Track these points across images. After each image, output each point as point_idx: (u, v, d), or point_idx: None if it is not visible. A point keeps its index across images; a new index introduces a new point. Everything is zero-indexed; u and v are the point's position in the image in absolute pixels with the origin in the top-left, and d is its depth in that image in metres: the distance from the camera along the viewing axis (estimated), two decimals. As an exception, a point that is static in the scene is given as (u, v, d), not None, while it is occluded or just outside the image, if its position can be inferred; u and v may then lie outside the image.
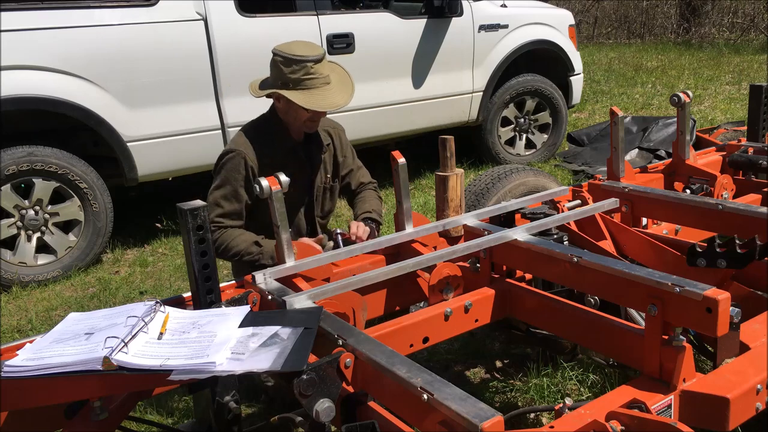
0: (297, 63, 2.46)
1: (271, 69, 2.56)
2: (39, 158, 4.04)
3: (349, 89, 2.60)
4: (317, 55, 2.48)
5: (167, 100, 4.43)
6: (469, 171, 5.88)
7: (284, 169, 2.51)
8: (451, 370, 2.89)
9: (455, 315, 2.13)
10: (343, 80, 2.61)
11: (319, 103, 2.49)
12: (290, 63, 2.46)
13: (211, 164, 4.70)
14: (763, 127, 3.40)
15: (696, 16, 15.37)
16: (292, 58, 2.46)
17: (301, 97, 2.47)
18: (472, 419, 1.29)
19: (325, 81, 2.51)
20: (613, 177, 2.88)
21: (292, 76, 2.47)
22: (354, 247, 2.27)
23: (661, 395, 1.63)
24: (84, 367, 1.48)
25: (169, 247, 4.73)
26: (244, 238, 2.53)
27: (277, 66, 2.50)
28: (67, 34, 4.09)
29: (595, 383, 2.62)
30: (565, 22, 6.23)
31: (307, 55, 2.47)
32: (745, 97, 7.68)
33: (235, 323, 1.67)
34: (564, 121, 6.33)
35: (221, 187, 2.58)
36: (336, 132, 2.84)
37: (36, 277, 4.13)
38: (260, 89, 2.59)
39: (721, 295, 1.61)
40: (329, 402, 1.47)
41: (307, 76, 2.47)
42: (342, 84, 2.59)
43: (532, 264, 2.21)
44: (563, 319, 2.08)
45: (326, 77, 2.52)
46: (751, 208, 2.46)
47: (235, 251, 2.51)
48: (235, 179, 2.56)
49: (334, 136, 2.82)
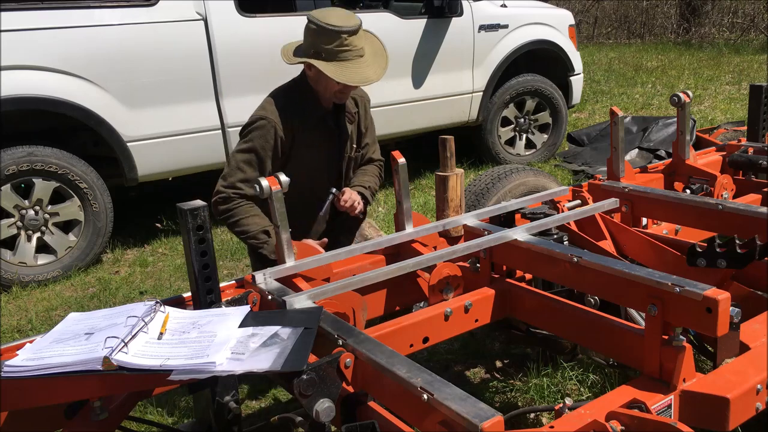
0: (331, 34, 2.35)
1: (305, 36, 2.46)
2: (39, 158, 4.04)
3: (382, 63, 2.49)
4: (353, 27, 2.37)
5: (167, 100, 4.43)
6: (469, 171, 5.88)
7: (313, 140, 2.51)
8: (451, 370, 2.89)
9: (455, 315, 2.13)
10: (377, 53, 2.51)
11: (351, 77, 2.40)
12: (324, 33, 2.36)
13: (211, 164, 4.77)
14: (763, 127, 3.40)
15: (696, 16, 15.37)
16: (326, 27, 2.35)
17: (333, 70, 2.37)
18: (472, 419, 1.29)
19: (358, 54, 2.41)
20: (613, 177, 2.88)
21: (325, 47, 2.37)
22: (354, 247, 2.26)
23: (661, 395, 1.63)
24: (84, 367, 1.48)
25: (169, 247, 4.73)
26: (256, 221, 2.46)
27: (311, 34, 2.40)
28: (67, 34, 4.09)
29: (595, 383, 2.62)
30: (565, 22, 6.24)
31: (342, 26, 2.36)
32: (745, 97, 7.68)
33: (235, 323, 1.67)
34: (564, 121, 6.33)
35: (247, 152, 2.48)
36: (362, 101, 2.77)
37: (36, 277, 4.13)
38: (294, 56, 2.48)
39: (721, 295, 1.61)
40: (329, 402, 1.47)
41: (341, 48, 2.37)
42: (376, 57, 2.49)
43: (532, 264, 2.20)
44: (563, 319, 2.08)
45: (360, 50, 2.42)
46: (751, 208, 2.46)
47: (242, 229, 2.45)
48: (262, 148, 2.47)
49: (360, 106, 2.75)
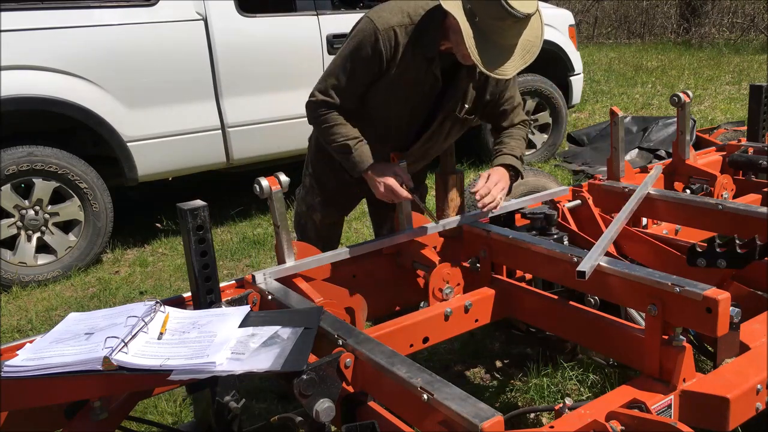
0: (500, 9, 1.98)
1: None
2: (39, 158, 4.04)
3: (527, 59, 2.14)
4: (525, 14, 2.01)
5: (167, 100, 4.43)
6: (469, 171, 5.88)
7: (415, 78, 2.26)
8: (451, 370, 2.89)
9: (455, 315, 2.13)
10: (527, 49, 2.14)
11: (487, 61, 2.04)
12: (494, 3, 1.98)
13: (211, 164, 4.77)
14: (763, 127, 3.40)
15: (696, 16, 15.37)
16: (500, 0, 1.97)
17: (474, 44, 2.02)
18: (472, 419, 1.29)
19: (511, 42, 2.08)
20: (613, 177, 2.88)
21: (485, 15, 2.00)
22: (354, 247, 2.26)
23: (661, 395, 1.63)
24: (84, 367, 1.48)
25: (169, 247, 4.73)
26: (346, 131, 2.27)
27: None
28: (67, 34, 4.09)
29: (595, 383, 2.62)
30: (565, 22, 6.23)
31: (517, 10, 1.98)
32: (745, 97, 7.67)
33: (235, 323, 1.67)
34: (564, 121, 6.33)
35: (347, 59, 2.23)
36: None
37: (36, 277, 4.13)
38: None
39: (721, 295, 1.61)
40: (329, 402, 1.47)
41: (499, 28, 2.02)
42: (524, 51, 2.13)
43: (532, 264, 2.21)
44: (563, 319, 2.08)
45: (515, 39, 2.08)
46: (751, 208, 2.46)
47: (330, 134, 2.27)
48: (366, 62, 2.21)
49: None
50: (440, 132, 2.42)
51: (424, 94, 2.31)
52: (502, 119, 2.47)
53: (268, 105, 4.78)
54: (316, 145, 2.61)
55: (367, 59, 2.20)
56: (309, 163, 2.68)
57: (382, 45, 2.18)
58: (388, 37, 2.18)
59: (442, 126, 2.40)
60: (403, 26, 2.19)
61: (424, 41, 2.20)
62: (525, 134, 2.50)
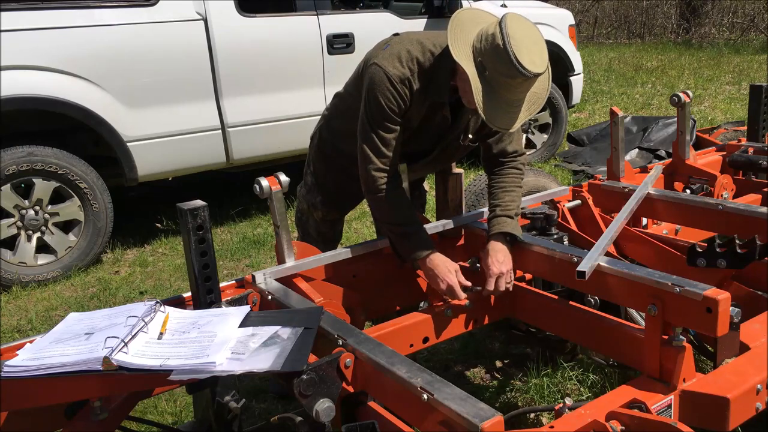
0: (511, 68, 1.94)
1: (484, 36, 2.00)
2: (39, 158, 4.03)
3: (533, 110, 2.12)
4: (535, 73, 1.96)
5: (167, 100, 4.42)
6: (469, 171, 5.88)
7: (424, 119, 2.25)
8: (451, 370, 2.89)
9: (455, 315, 2.13)
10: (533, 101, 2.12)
11: (493, 116, 2.03)
12: (505, 61, 1.93)
13: (211, 164, 4.77)
14: (763, 127, 3.40)
15: (696, 16, 15.37)
16: (512, 60, 1.92)
17: (481, 98, 2.00)
18: (472, 419, 1.29)
19: (518, 98, 2.06)
20: (613, 177, 2.89)
21: (495, 72, 1.98)
22: (354, 247, 2.26)
23: (661, 395, 1.63)
24: (84, 367, 1.48)
25: (169, 247, 4.73)
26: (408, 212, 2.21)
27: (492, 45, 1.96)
28: (68, 34, 4.09)
29: (595, 383, 2.62)
30: (565, 22, 6.23)
31: (528, 70, 1.94)
32: (745, 97, 7.68)
33: (235, 323, 1.67)
34: (564, 121, 6.33)
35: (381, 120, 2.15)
36: None
37: (36, 277, 4.13)
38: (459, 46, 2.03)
39: (721, 295, 1.61)
40: (329, 402, 1.47)
41: (508, 85, 2.00)
42: (529, 103, 2.11)
43: (532, 264, 2.21)
44: (563, 319, 2.08)
45: (523, 95, 2.06)
46: (751, 208, 2.46)
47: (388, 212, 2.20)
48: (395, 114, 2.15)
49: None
50: (442, 156, 2.43)
51: (431, 129, 2.30)
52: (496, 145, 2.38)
53: (268, 105, 4.77)
54: (318, 145, 2.61)
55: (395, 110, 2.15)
56: (310, 162, 2.68)
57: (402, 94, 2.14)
58: (404, 87, 2.14)
59: (445, 152, 2.40)
60: (414, 74, 2.15)
61: (434, 87, 2.18)
62: (520, 179, 2.38)
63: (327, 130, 2.56)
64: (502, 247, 2.18)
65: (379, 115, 2.15)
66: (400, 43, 2.20)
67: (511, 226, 2.22)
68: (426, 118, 2.24)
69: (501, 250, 2.17)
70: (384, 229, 2.31)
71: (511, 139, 2.38)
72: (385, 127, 2.15)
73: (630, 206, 2.50)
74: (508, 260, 2.16)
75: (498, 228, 2.22)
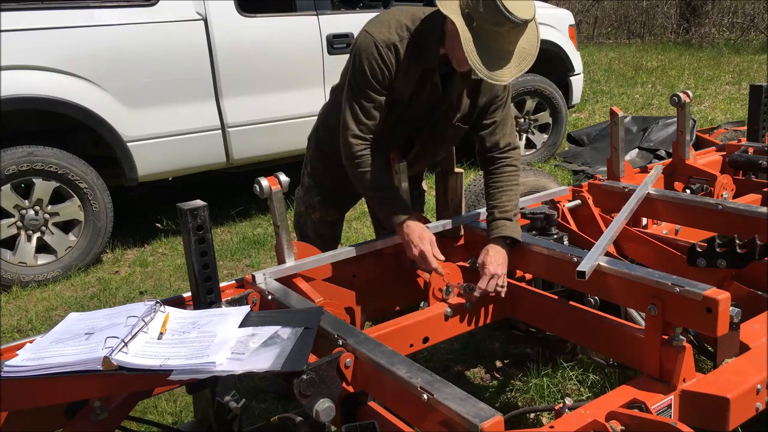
0: (497, 14, 1.94)
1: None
2: (39, 158, 4.03)
3: (522, 66, 2.10)
4: (522, 20, 1.97)
5: (167, 100, 4.43)
6: (469, 171, 5.88)
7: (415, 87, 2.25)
8: (451, 370, 2.89)
9: (455, 315, 2.13)
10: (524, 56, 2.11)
11: (484, 66, 2.01)
12: (491, 8, 1.94)
13: (211, 164, 4.77)
14: (763, 127, 3.40)
15: (696, 16, 15.37)
16: (498, 5, 1.93)
17: (472, 49, 2.00)
18: (472, 419, 1.29)
19: (508, 48, 2.05)
20: (613, 177, 2.89)
21: (482, 20, 1.97)
22: (354, 247, 2.26)
23: (661, 395, 1.63)
24: (84, 367, 1.48)
25: (169, 247, 4.73)
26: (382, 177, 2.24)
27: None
28: (67, 34, 4.09)
29: (595, 383, 2.62)
30: (565, 22, 6.23)
31: (515, 15, 1.94)
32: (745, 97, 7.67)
33: (235, 323, 1.67)
34: (564, 121, 6.33)
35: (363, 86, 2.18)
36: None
37: (36, 277, 4.13)
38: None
39: (721, 295, 1.61)
40: (329, 402, 1.47)
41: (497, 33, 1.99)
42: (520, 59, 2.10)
43: (532, 264, 2.21)
44: (563, 319, 2.08)
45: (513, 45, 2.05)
46: (751, 208, 2.46)
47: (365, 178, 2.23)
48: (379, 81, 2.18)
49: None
50: (434, 135, 2.41)
51: (422, 100, 2.30)
52: (489, 137, 2.37)
53: (268, 105, 4.77)
54: (315, 145, 2.61)
55: (379, 79, 2.18)
56: (308, 162, 2.68)
57: (387, 61, 2.16)
58: (389, 52, 2.16)
59: (436, 130, 2.38)
60: (403, 41, 2.17)
61: (424, 53, 2.18)
62: (516, 177, 2.36)
63: (324, 128, 2.56)
64: (501, 250, 2.19)
65: (363, 83, 2.19)
66: (391, 12, 2.24)
67: (511, 229, 2.22)
68: (417, 90, 2.25)
69: (499, 253, 2.18)
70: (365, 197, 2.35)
71: (504, 131, 2.37)
72: (367, 95, 2.19)
73: (630, 206, 2.50)
74: (504, 263, 2.16)
75: (497, 232, 2.22)
